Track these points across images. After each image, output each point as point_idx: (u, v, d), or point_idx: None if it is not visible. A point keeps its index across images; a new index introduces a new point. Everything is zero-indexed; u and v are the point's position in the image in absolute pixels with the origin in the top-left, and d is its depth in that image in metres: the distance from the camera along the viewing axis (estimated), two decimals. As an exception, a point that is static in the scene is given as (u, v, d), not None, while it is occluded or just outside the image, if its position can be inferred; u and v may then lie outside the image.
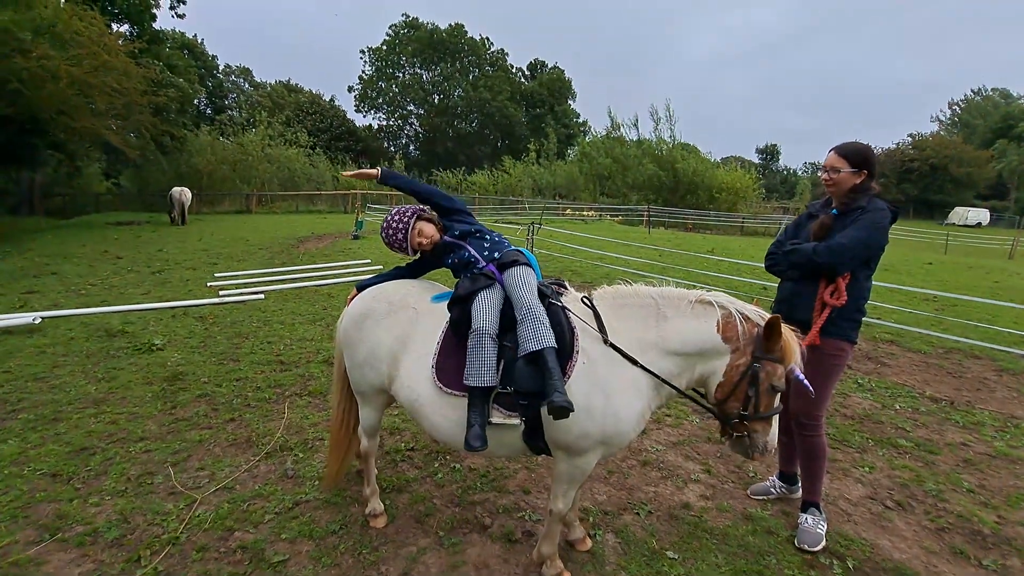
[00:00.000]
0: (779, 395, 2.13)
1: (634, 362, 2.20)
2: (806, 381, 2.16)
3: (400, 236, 2.56)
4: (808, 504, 2.89)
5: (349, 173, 2.77)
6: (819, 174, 2.85)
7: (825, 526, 2.83)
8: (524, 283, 2.34)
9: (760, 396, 2.10)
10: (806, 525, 2.81)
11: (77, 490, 3.06)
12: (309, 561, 2.56)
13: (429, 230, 2.59)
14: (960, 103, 69.79)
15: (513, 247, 2.59)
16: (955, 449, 3.90)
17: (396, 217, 2.59)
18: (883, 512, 3.11)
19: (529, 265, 2.47)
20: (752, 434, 2.15)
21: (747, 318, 2.18)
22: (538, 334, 2.14)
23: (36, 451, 3.45)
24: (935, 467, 3.63)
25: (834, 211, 2.76)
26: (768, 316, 2.11)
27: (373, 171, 2.66)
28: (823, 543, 2.75)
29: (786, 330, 2.12)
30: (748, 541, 2.81)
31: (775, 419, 2.16)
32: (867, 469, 3.58)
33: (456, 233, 2.60)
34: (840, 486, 3.37)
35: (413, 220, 2.57)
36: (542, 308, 2.25)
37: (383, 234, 2.62)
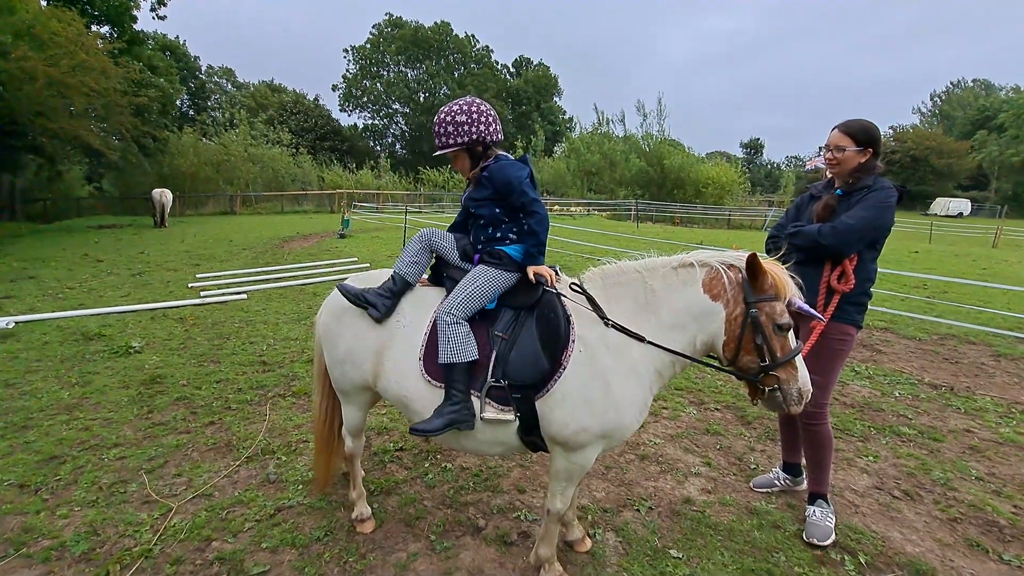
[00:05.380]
0: (791, 333, 2.00)
1: (640, 339, 2.06)
2: (811, 309, 2.07)
3: (474, 131, 2.19)
4: (815, 496, 2.78)
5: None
6: (822, 153, 2.72)
7: (834, 519, 2.71)
8: (474, 282, 2.18)
9: (770, 340, 1.97)
10: (814, 518, 2.69)
11: (45, 501, 2.89)
12: (292, 571, 2.41)
13: (467, 167, 2.31)
14: (941, 95, 70.76)
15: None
16: (959, 436, 3.82)
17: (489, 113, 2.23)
18: (891, 502, 3.01)
19: (510, 271, 2.24)
20: (781, 384, 2.00)
21: (730, 266, 2.05)
22: (451, 346, 2.07)
23: (4, 460, 3.27)
24: (940, 455, 3.54)
25: (838, 191, 2.65)
26: (746, 255, 1.99)
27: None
28: (833, 537, 2.64)
29: (769, 264, 2.00)
30: (754, 537, 2.69)
31: (800, 361, 2.02)
32: (871, 458, 3.48)
33: (475, 211, 2.33)
34: (845, 476, 3.26)
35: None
36: (461, 322, 2.12)
37: (462, 115, 2.17)
